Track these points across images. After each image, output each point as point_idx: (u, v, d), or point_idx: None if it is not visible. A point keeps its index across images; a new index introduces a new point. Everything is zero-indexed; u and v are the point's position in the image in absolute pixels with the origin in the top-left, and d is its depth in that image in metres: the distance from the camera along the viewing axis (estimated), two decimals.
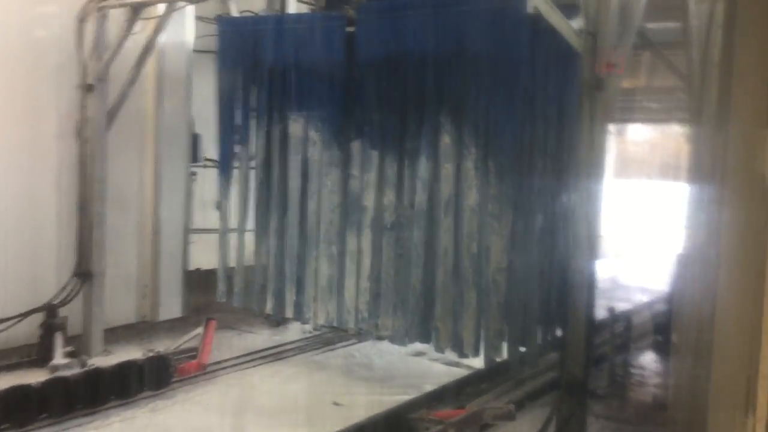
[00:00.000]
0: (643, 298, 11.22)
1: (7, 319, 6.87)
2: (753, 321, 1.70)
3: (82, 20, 6.87)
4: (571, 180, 4.68)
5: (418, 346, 7.21)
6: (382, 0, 6.14)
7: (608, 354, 7.11)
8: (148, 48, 7.13)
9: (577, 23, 4.83)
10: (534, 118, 5.59)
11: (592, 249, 4.55)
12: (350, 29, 6.24)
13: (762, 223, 1.75)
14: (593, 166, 4.44)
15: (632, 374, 7.28)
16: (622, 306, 9.78)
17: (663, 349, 8.03)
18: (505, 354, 5.98)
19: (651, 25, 6.71)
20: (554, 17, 4.73)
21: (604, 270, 13.47)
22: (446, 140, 5.76)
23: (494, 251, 5.65)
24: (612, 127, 18.69)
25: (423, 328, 6.24)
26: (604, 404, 6.49)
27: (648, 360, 7.90)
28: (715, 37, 4.37)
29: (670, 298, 9.32)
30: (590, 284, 4.60)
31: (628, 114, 14.63)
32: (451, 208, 5.82)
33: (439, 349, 6.27)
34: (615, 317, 7.32)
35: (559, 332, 6.40)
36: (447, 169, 5.80)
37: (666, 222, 18.04)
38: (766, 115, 1.79)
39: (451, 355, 6.52)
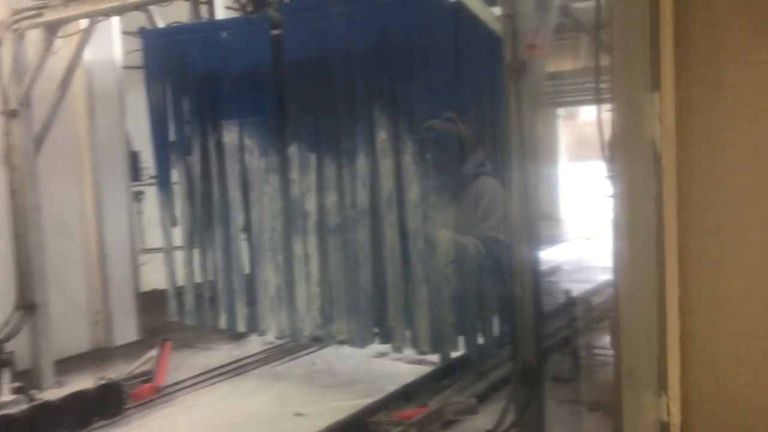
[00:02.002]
0: (603, 277, 11.25)
1: None
2: (656, 295, 1.62)
3: None
4: (509, 165, 4.61)
5: (380, 347, 7.10)
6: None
7: (569, 337, 7.07)
8: (72, 66, 6.90)
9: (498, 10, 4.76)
10: (467, 106, 5.52)
11: (532, 233, 4.48)
12: (276, 32, 6.10)
13: (654, 190, 1.67)
14: (525, 151, 4.36)
15: (595, 355, 7.25)
16: (582, 287, 9.81)
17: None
18: (462, 348, 5.89)
19: (579, 5, 6.67)
20: (475, 4, 4.66)
21: (567, 253, 13.58)
22: (382, 136, 5.66)
23: (441, 244, 5.56)
24: (562, 111, 18.70)
25: (380, 329, 6.14)
26: (570, 388, 6.46)
27: (608, 339, 7.89)
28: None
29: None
30: (535, 269, 4.52)
31: (577, 96, 14.68)
32: (394, 205, 5.73)
33: (397, 348, 6.17)
34: (572, 300, 7.28)
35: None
36: (386, 165, 5.69)
37: None
38: (649, 79, 1.71)
39: (412, 353, 6.43)
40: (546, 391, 4.87)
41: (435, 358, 6.69)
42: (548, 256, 13.10)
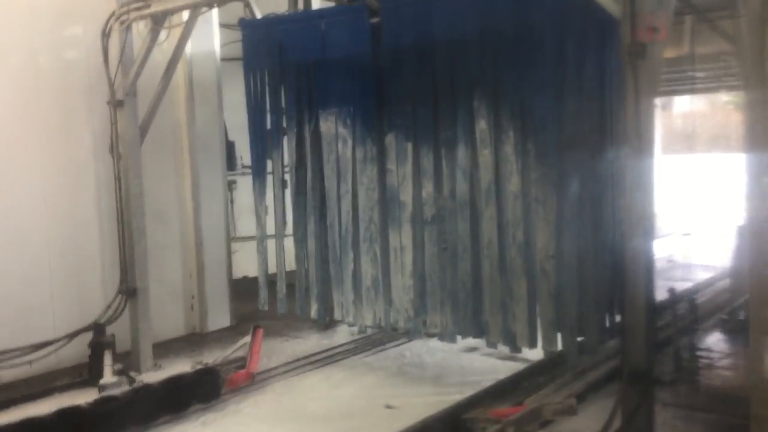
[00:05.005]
0: (704, 276, 10.73)
1: (56, 341, 6.93)
2: None
3: (106, 35, 6.84)
4: (619, 156, 4.39)
5: (470, 341, 6.98)
6: None
7: (672, 337, 6.74)
8: (174, 58, 7.06)
9: None
10: (572, 94, 5.29)
11: (646, 228, 4.25)
12: (375, 20, 6.04)
13: None
14: (641, 140, 4.14)
15: (699, 357, 6.91)
16: (682, 285, 9.36)
17: (729, 327, 7.63)
18: (560, 345, 5.69)
19: None
20: None
21: (660, 249, 13.04)
22: (482, 125, 5.52)
23: (541, 238, 5.39)
24: (657, 101, 18.03)
25: (473, 323, 6.01)
26: (672, 391, 6.16)
27: (714, 340, 7.50)
28: None
29: (733, 273, 8.88)
30: (648, 265, 4.29)
31: (672, 85, 14.04)
32: (493, 196, 5.58)
33: (491, 344, 6.03)
34: (676, 298, 6.94)
35: (618, 318, 6.09)
36: (485, 155, 5.55)
37: (722, 195, 17.42)
38: None
39: (504, 349, 6.28)
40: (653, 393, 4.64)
41: (527, 354, 6.52)
42: None
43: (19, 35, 6.94)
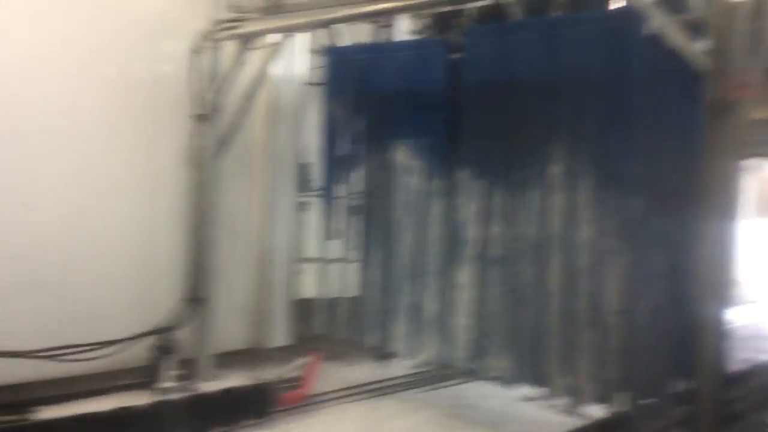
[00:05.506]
0: None
1: (122, 340, 7.11)
2: None
3: (196, 52, 7.08)
4: (698, 215, 4.17)
5: (529, 390, 6.74)
6: (490, 24, 5.88)
7: (747, 410, 6.32)
8: (259, 79, 7.24)
9: (703, 45, 4.35)
10: (655, 147, 5.09)
11: (722, 293, 4.01)
12: (457, 55, 6.02)
13: None
14: (723, 200, 3.92)
15: None
16: (759, 357, 8.80)
17: None
18: (624, 405, 5.42)
19: None
20: (675, 36, 4.27)
21: (743, 316, 12.30)
22: (557, 169, 5.38)
23: (610, 291, 5.17)
24: (752, 162, 17.07)
25: (533, 371, 5.81)
26: None
27: None
28: None
29: None
30: (721, 332, 4.05)
31: (765, 148, 13.28)
32: (563, 243, 5.41)
33: (551, 395, 5.81)
34: (755, 369, 6.52)
35: (690, 384, 5.75)
36: (558, 200, 5.40)
37: None
38: None
39: (564, 402, 6.04)
40: None
41: (589, 411, 6.24)
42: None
43: (117, 47, 7.27)
